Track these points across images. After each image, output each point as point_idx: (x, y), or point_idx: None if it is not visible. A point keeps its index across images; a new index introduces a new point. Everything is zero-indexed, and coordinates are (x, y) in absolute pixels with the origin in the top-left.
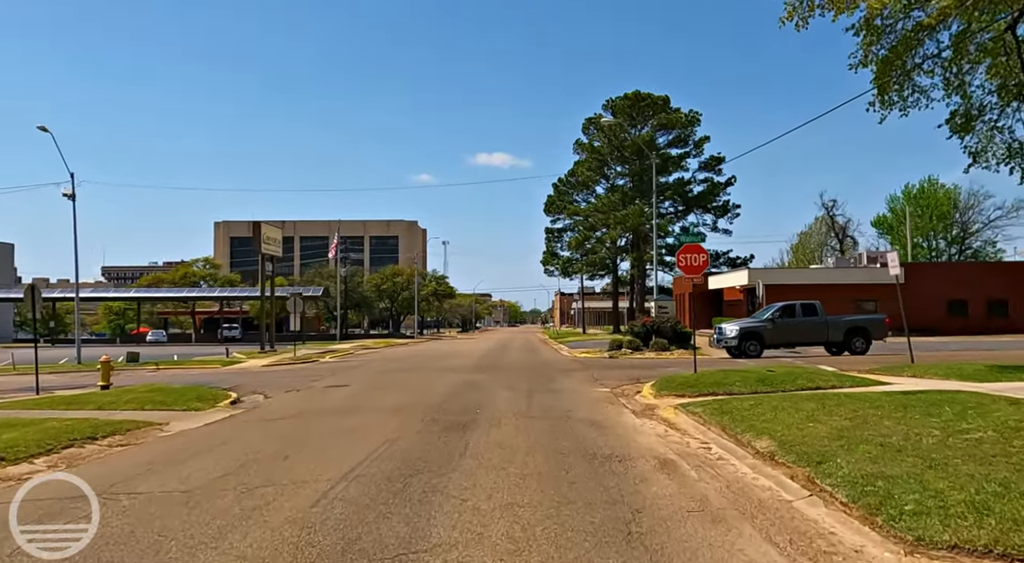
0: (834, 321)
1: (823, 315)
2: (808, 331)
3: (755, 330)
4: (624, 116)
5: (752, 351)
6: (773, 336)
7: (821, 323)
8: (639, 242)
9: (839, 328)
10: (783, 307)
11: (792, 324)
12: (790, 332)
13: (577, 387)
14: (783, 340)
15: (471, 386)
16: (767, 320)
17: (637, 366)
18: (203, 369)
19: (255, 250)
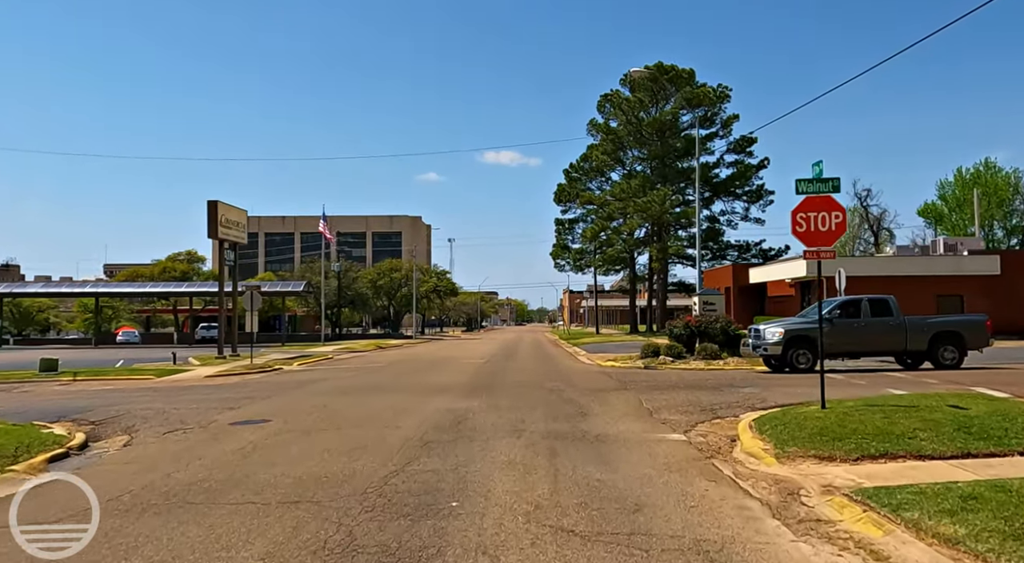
0: (915, 323)
1: (899, 315)
2: (878, 336)
3: (805, 333)
4: (645, 92)
5: (801, 363)
6: (830, 342)
7: (896, 325)
8: (661, 232)
9: (922, 332)
10: (845, 303)
11: (856, 326)
12: (853, 337)
13: (629, 430)
14: (843, 347)
15: (455, 427)
16: (816, 319)
17: (694, 384)
18: (129, 381)
19: (208, 234)
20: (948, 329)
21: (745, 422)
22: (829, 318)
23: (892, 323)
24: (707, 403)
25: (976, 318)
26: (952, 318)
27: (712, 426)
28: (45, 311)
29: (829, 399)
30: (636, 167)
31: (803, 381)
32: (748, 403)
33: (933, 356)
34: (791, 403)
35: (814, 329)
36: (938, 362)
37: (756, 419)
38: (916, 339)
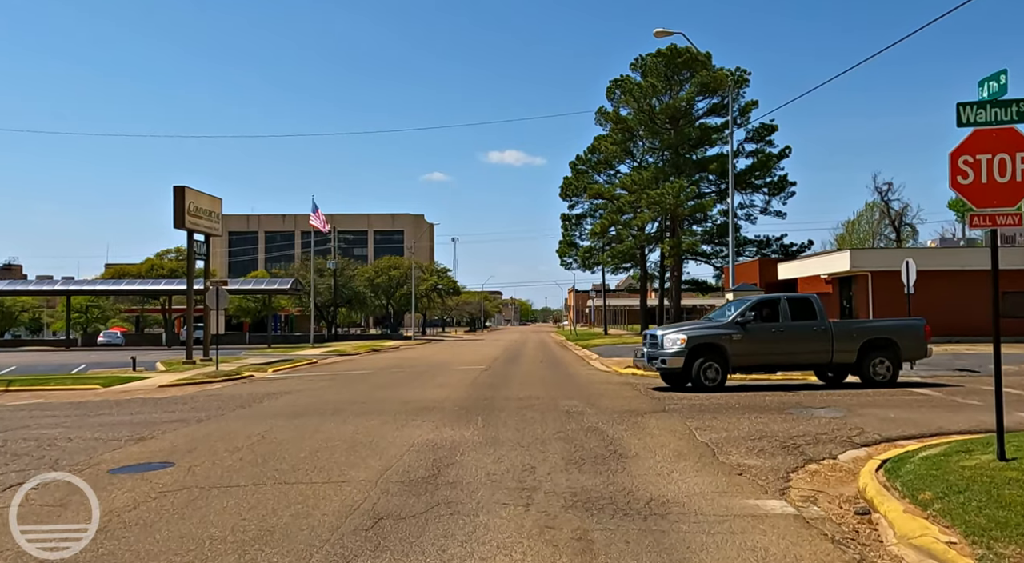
0: (843, 330)
1: (824, 319)
2: (800, 345)
3: (713, 341)
4: (657, 77)
5: (709, 379)
6: (743, 352)
7: (821, 332)
8: (675, 227)
9: (851, 340)
10: (760, 304)
11: (775, 332)
12: (771, 346)
13: (696, 490)
14: (759, 359)
15: (431, 481)
16: (732, 324)
17: (748, 403)
18: (67, 391)
19: (175, 224)
20: (881, 336)
21: (868, 475)
22: (741, 322)
23: (816, 329)
24: (782, 434)
25: (912, 323)
26: (885, 323)
27: (814, 479)
28: (30, 310)
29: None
30: (648, 158)
31: (891, 400)
32: (839, 435)
33: (863, 369)
34: (906, 436)
35: (725, 336)
36: (869, 377)
37: (888, 471)
38: (844, 349)
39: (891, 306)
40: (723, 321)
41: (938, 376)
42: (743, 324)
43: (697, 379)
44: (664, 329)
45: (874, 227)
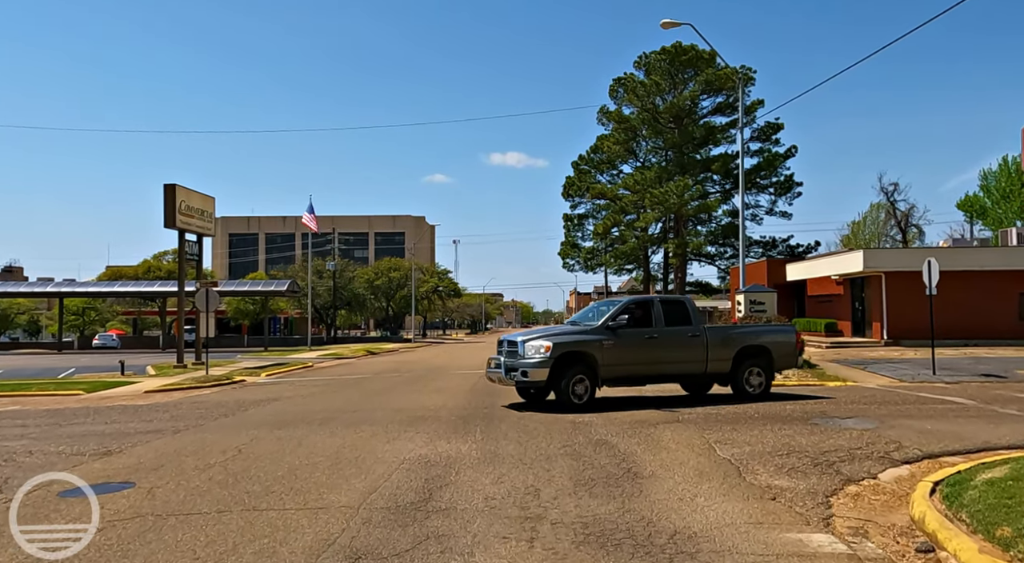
0: (718, 336)
1: (699, 323)
2: (675, 352)
3: (582, 349)
4: (661, 75)
5: (577, 395)
6: (615, 361)
7: (696, 338)
8: (679, 227)
9: (726, 347)
10: (631, 305)
11: (647, 339)
12: (644, 354)
13: (726, 519)
14: (631, 370)
15: (421, 508)
16: (603, 330)
17: (768, 413)
18: (47, 397)
19: (165, 224)
20: (756, 344)
21: (923, 502)
22: (613, 327)
23: (691, 335)
24: (811, 449)
25: (786, 329)
26: (760, 329)
27: (857, 504)
28: (26, 313)
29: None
30: (651, 158)
31: (923, 410)
32: (875, 450)
33: (737, 380)
34: (949, 451)
35: (596, 343)
36: (742, 389)
37: (948, 497)
38: (719, 357)
39: (905, 308)
40: (592, 326)
41: (963, 382)
42: (614, 329)
43: (565, 394)
44: (526, 334)
45: (880, 228)
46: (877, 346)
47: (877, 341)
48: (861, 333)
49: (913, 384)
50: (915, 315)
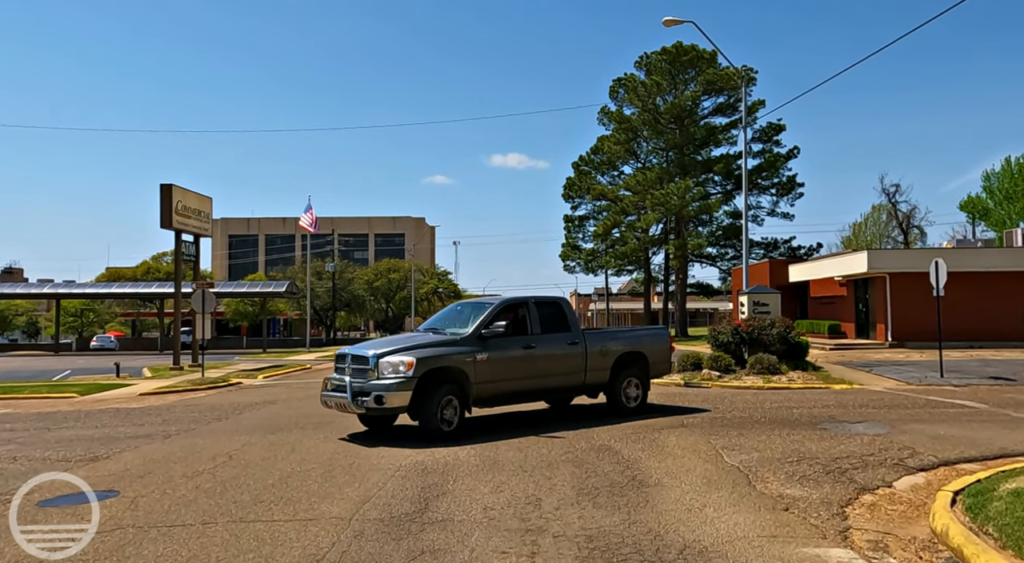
0: (596, 342)
1: (577, 328)
2: (554, 364)
3: (453, 365)
4: (662, 75)
5: (447, 421)
6: (488, 378)
7: (573, 345)
8: (681, 228)
9: (604, 355)
10: (506, 309)
11: (525, 349)
12: (521, 367)
13: (737, 531)
14: (507, 386)
15: (416, 518)
16: (473, 339)
17: (775, 417)
18: (40, 400)
19: (162, 224)
20: (633, 351)
21: (944, 513)
22: (486, 336)
23: (570, 342)
24: (823, 456)
25: (660, 332)
26: (636, 333)
27: (874, 515)
28: (25, 314)
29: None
30: (652, 159)
31: (934, 414)
32: (888, 457)
33: (616, 392)
34: (966, 458)
35: (468, 355)
36: (620, 402)
37: (971, 509)
38: (598, 366)
39: (910, 309)
40: (460, 334)
41: (972, 384)
42: (487, 339)
43: (433, 421)
44: (377, 346)
45: (881, 229)
46: (882, 348)
47: (881, 343)
48: (865, 335)
49: (921, 387)
50: (920, 317)
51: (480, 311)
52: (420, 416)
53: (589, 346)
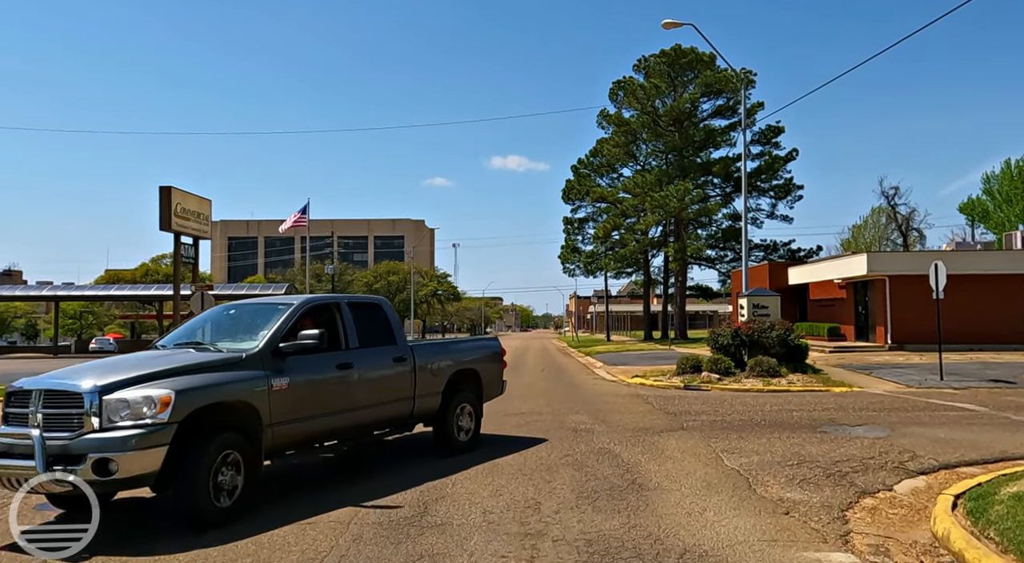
0: (428, 357)
1: (403, 338)
2: (377, 389)
3: (234, 398)
4: (661, 78)
5: (226, 491)
6: (289, 414)
7: (400, 362)
8: (680, 231)
9: (437, 373)
10: (312, 311)
11: (339, 371)
12: (335, 396)
13: (738, 536)
14: (317, 425)
15: (415, 522)
16: (266, 357)
17: (775, 419)
18: None
19: (161, 226)
20: (467, 368)
21: (945, 517)
22: (286, 351)
23: (397, 358)
24: (823, 460)
25: (491, 344)
26: (466, 344)
27: (875, 519)
28: (24, 316)
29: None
30: (651, 161)
31: (934, 417)
32: (889, 460)
33: (447, 423)
34: (966, 461)
35: (257, 382)
36: (451, 435)
37: (972, 512)
38: (429, 390)
39: (909, 312)
40: (244, 351)
41: (972, 387)
42: (286, 356)
43: (203, 495)
44: (101, 373)
45: (880, 232)
46: (881, 350)
47: (881, 345)
48: (864, 337)
49: (921, 390)
50: (919, 319)
51: (272, 316)
52: (179, 487)
53: (419, 363)
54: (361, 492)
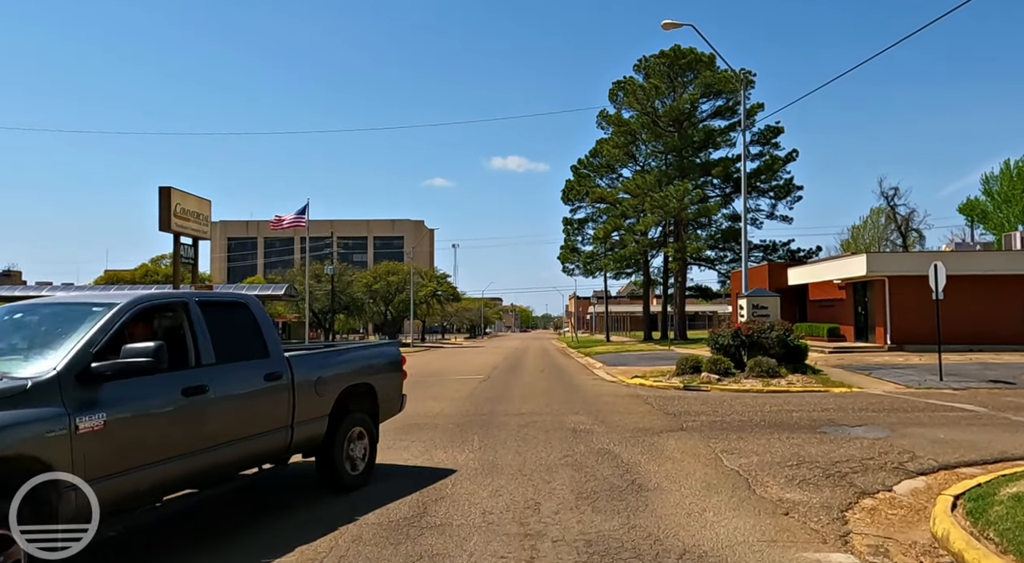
0: (310, 370)
1: (276, 347)
2: (241, 419)
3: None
4: (660, 78)
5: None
6: (109, 467)
7: (274, 380)
8: (680, 231)
9: (322, 395)
10: (136, 315)
11: (183, 396)
12: (180, 433)
13: (738, 537)
14: (154, 477)
15: (415, 523)
16: (64, 385)
17: (774, 420)
18: None
19: (160, 227)
20: (361, 382)
21: (945, 517)
22: (99, 373)
23: (269, 374)
24: (822, 460)
25: (388, 351)
26: (359, 352)
27: (875, 519)
28: None
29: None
30: (651, 162)
31: (934, 417)
32: (888, 460)
33: (335, 453)
34: (966, 462)
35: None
36: (342, 471)
37: (972, 513)
38: (312, 413)
39: (909, 312)
40: (25, 381)
41: (972, 388)
42: (101, 381)
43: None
44: None
45: (880, 233)
46: (881, 351)
47: (880, 346)
48: (864, 338)
49: (920, 390)
50: (919, 320)
51: (81, 322)
52: None
53: (299, 379)
54: (358, 495)
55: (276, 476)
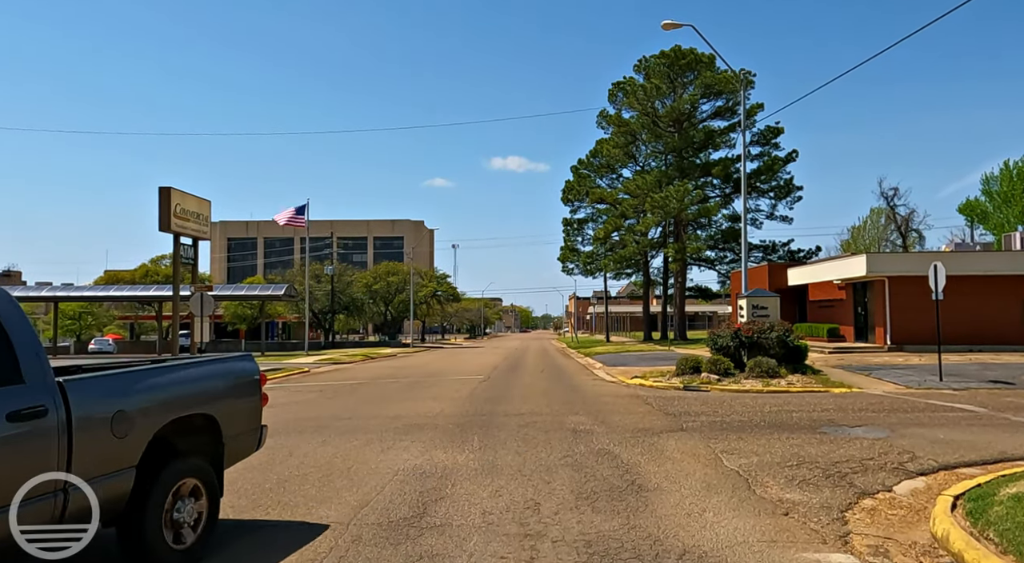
0: (104, 400)
1: (41, 367)
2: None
3: None
4: (661, 78)
5: None
6: None
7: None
8: (680, 231)
9: (124, 437)
10: None
11: None
12: None
13: (738, 538)
14: None
15: (415, 523)
16: None
17: (774, 420)
18: None
19: (160, 227)
20: (195, 414)
21: (945, 518)
22: None
23: (18, 411)
24: (822, 460)
25: (240, 367)
26: (191, 368)
27: (874, 520)
28: None
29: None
30: (651, 162)
31: (934, 418)
32: (888, 461)
33: (145, 524)
34: (966, 462)
35: None
36: (157, 543)
37: (971, 513)
38: (103, 466)
39: (909, 313)
40: None
41: (972, 388)
42: None
43: None
44: None
45: (880, 233)
46: (880, 351)
47: (880, 346)
48: (864, 338)
49: (920, 391)
50: (919, 320)
51: None
52: None
53: (79, 412)
54: None
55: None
